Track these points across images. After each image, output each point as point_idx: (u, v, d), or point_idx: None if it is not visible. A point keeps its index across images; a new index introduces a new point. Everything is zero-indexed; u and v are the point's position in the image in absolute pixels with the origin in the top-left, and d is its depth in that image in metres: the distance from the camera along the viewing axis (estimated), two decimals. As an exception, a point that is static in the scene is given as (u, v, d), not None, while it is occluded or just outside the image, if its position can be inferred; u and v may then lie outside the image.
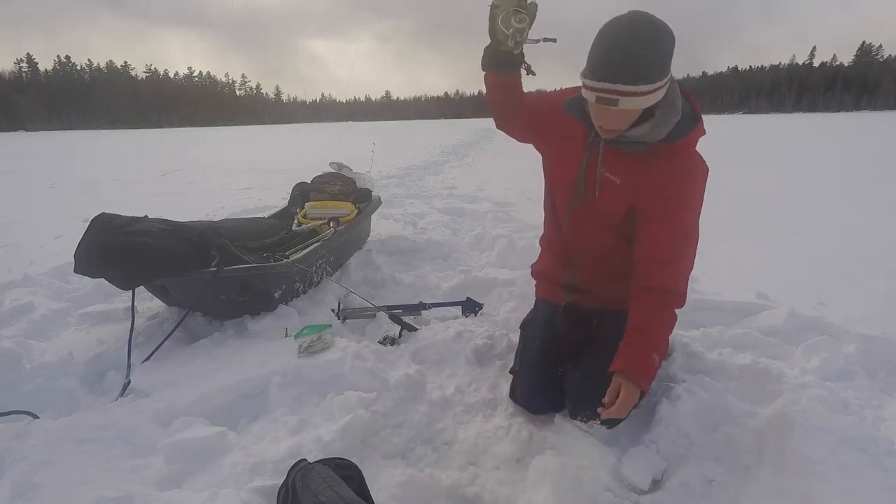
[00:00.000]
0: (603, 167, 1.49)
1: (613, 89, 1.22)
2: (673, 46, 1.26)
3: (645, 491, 1.35)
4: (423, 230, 4.28)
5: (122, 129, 71.69)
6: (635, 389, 1.37)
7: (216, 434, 1.48)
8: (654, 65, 1.23)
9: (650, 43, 1.22)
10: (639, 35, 1.21)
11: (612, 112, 1.29)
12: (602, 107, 1.28)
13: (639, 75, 1.21)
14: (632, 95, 1.23)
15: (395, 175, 8.62)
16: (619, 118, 1.32)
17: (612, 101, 1.25)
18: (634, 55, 1.21)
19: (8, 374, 1.81)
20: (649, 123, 1.36)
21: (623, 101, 1.24)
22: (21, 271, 3.04)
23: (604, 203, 1.52)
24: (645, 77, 1.22)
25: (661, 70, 1.24)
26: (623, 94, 1.22)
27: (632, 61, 1.21)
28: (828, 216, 4.64)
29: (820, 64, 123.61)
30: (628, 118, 1.33)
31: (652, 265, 1.47)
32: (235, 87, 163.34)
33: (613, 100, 1.24)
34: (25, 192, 7.47)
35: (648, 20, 1.24)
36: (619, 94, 1.23)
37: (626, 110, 1.27)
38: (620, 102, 1.24)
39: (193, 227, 2.27)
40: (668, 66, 1.26)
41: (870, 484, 1.20)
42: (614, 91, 1.22)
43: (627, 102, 1.24)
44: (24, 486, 1.27)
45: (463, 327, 2.20)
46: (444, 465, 1.49)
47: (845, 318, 2.25)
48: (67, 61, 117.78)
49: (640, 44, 1.21)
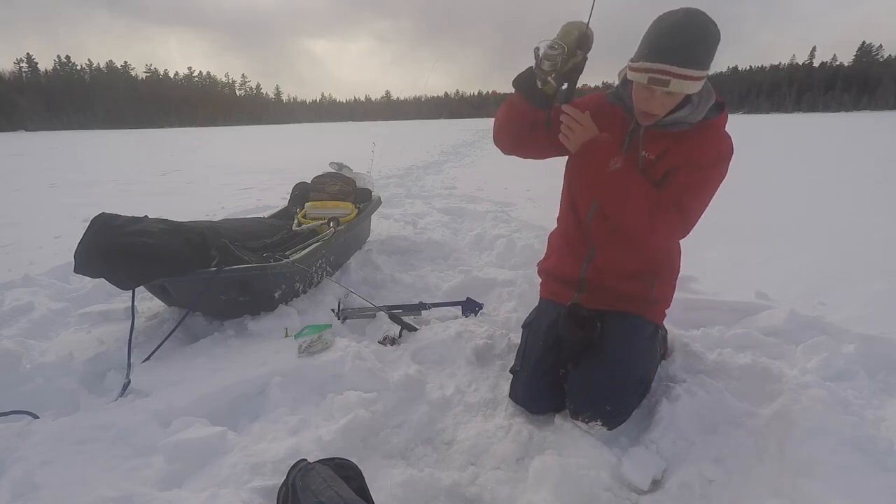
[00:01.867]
0: (644, 149, 1.55)
1: (667, 70, 1.32)
2: (719, 41, 1.36)
3: (645, 491, 1.35)
4: (423, 230, 4.28)
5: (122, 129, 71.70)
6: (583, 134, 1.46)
7: (216, 434, 1.48)
8: (704, 54, 1.34)
9: (704, 33, 1.33)
10: (695, 24, 1.32)
11: (659, 96, 1.39)
12: (650, 90, 1.38)
13: (692, 60, 1.32)
14: (682, 78, 1.33)
15: (395, 175, 8.62)
16: (663, 102, 1.41)
17: (663, 83, 1.34)
18: (690, 41, 1.32)
19: (8, 374, 1.81)
20: (688, 108, 1.47)
21: (674, 84, 1.33)
22: (21, 271, 3.04)
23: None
24: (697, 62, 1.32)
25: (708, 60, 1.36)
26: (675, 75, 1.32)
27: (687, 46, 1.31)
28: (828, 216, 4.64)
29: (820, 64, 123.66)
30: (672, 102, 1.42)
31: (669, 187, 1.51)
32: (235, 88, 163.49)
33: (665, 80, 1.33)
34: (25, 192, 7.47)
35: (700, 14, 1.34)
36: (671, 75, 1.32)
37: (673, 93, 1.37)
38: (671, 84, 1.33)
39: (193, 227, 2.27)
40: (713, 58, 1.37)
41: (870, 484, 1.20)
42: (667, 72, 1.32)
43: (677, 85, 1.34)
44: (24, 486, 1.27)
45: (463, 327, 2.20)
46: (444, 465, 1.49)
47: (845, 318, 2.25)
48: (67, 61, 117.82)
49: (695, 32, 1.32)
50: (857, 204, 5.21)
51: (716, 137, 1.52)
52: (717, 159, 1.50)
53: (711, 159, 1.49)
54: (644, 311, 1.71)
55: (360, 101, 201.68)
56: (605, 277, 1.72)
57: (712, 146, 1.51)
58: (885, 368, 1.83)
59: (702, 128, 1.50)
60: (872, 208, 4.98)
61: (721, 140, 1.52)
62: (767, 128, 24.32)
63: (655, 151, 1.54)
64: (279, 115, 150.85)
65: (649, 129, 1.53)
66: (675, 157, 1.51)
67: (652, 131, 1.54)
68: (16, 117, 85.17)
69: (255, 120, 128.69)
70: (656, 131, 1.53)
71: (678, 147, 1.51)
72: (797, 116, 54.02)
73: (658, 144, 1.53)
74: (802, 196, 5.78)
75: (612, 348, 1.60)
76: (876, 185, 6.40)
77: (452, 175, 8.77)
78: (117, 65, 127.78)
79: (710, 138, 1.51)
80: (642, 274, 1.70)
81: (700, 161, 1.49)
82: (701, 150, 1.49)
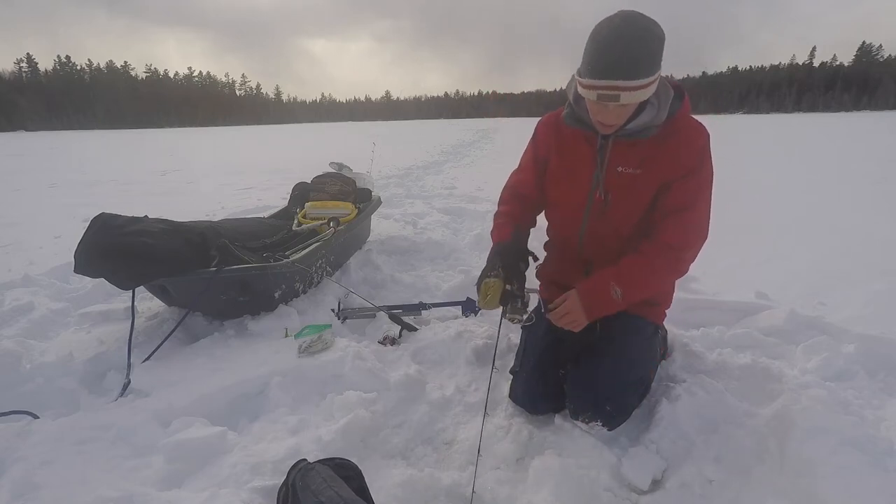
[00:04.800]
0: (619, 164, 1.52)
1: (614, 86, 1.28)
2: (664, 40, 1.33)
3: (645, 491, 1.35)
4: (423, 230, 4.28)
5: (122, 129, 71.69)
6: (579, 307, 1.51)
7: (216, 434, 1.48)
8: (650, 59, 1.29)
9: (644, 38, 1.28)
10: (633, 32, 1.27)
11: (612, 108, 1.35)
12: (602, 103, 1.34)
13: (637, 70, 1.27)
14: (632, 90, 1.29)
15: (395, 175, 8.62)
16: (618, 113, 1.38)
17: (613, 98, 1.31)
18: (632, 51, 1.27)
19: (8, 374, 1.81)
20: (649, 111, 1.43)
21: (624, 96, 1.30)
22: (21, 271, 3.04)
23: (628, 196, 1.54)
24: (643, 71, 1.28)
25: (656, 63, 1.31)
26: (623, 89, 1.28)
27: (630, 58, 1.27)
28: (828, 216, 4.64)
29: (820, 64, 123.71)
30: (627, 112, 1.39)
31: (664, 217, 1.51)
32: (235, 87, 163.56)
33: (615, 96, 1.30)
34: (25, 192, 7.47)
35: (639, 17, 1.30)
36: (619, 89, 1.29)
37: (626, 105, 1.33)
38: (622, 98, 1.30)
39: (193, 227, 2.27)
40: (661, 58, 1.33)
41: (870, 484, 1.20)
42: (615, 87, 1.28)
43: (628, 97, 1.30)
44: (24, 486, 1.27)
45: (463, 327, 2.20)
46: (444, 465, 1.49)
47: (845, 318, 2.25)
48: (67, 61, 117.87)
49: (635, 40, 1.27)
50: (857, 204, 5.21)
51: (691, 133, 1.49)
52: (702, 155, 1.49)
53: (696, 158, 1.48)
54: (644, 312, 1.70)
55: (360, 101, 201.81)
56: None
57: (691, 145, 1.48)
58: (885, 368, 1.83)
59: (671, 126, 1.46)
60: (872, 208, 4.98)
61: (697, 133, 1.49)
62: (768, 128, 24.32)
63: (633, 164, 1.50)
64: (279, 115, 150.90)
65: (618, 141, 1.49)
66: (660, 168, 1.48)
67: (621, 142, 1.49)
68: (16, 117, 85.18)
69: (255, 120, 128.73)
70: (626, 142, 1.49)
71: (657, 154, 1.47)
72: (797, 116, 54.03)
73: (633, 155, 1.50)
74: (802, 196, 5.78)
75: (612, 348, 1.59)
76: (876, 185, 6.40)
77: (452, 175, 8.77)
78: (117, 65, 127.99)
79: (686, 136, 1.48)
80: None
81: (688, 165, 1.47)
82: (682, 153, 1.47)
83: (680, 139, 1.47)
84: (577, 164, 1.60)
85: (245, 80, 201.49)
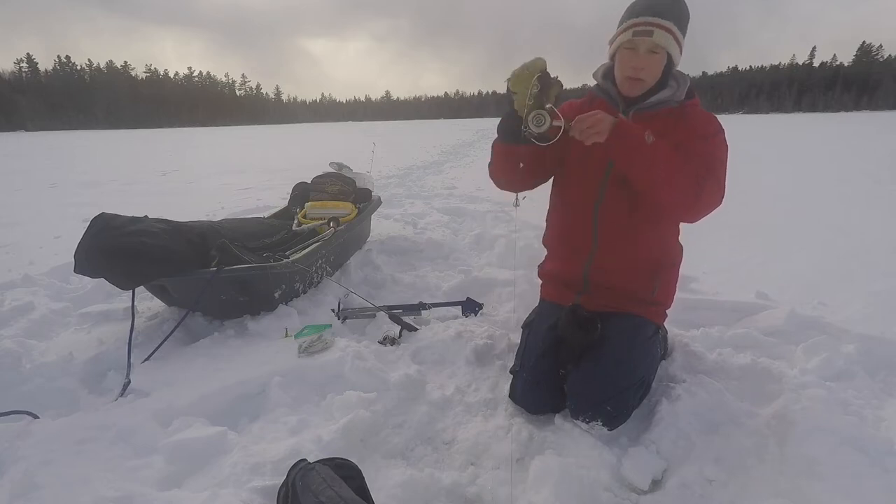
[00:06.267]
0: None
1: (651, 21, 1.44)
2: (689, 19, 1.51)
3: (645, 491, 1.35)
4: (423, 230, 4.28)
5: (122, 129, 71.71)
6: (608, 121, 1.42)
7: (216, 434, 1.48)
8: (682, 15, 1.48)
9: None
10: None
11: (643, 54, 1.47)
12: (633, 49, 1.48)
13: (672, 14, 1.46)
14: (665, 29, 1.44)
15: (395, 175, 8.62)
16: (648, 61, 1.48)
17: (647, 32, 1.44)
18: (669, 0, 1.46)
19: (8, 374, 1.81)
20: (669, 88, 1.55)
21: (657, 34, 1.44)
22: (21, 271, 3.04)
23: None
24: (676, 18, 1.46)
25: (684, 23, 1.49)
26: (657, 26, 1.44)
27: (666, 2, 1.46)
28: (828, 216, 4.64)
29: (820, 64, 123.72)
30: (656, 65, 1.50)
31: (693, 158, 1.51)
32: (235, 88, 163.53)
33: (649, 31, 1.44)
34: (26, 192, 7.47)
35: None
36: (654, 25, 1.44)
37: (655, 52, 1.47)
38: (655, 35, 1.44)
39: (194, 228, 2.28)
40: (686, 28, 1.51)
41: (870, 484, 1.20)
42: (652, 23, 1.44)
43: (660, 36, 1.44)
44: (24, 486, 1.27)
45: (463, 327, 2.20)
46: (444, 465, 1.49)
47: (845, 318, 2.25)
48: (67, 61, 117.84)
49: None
50: (857, 204, 5.21)
51: (705, 114, 1.60)
52: (717, 130, 1.57)
53: (713, 130, 1.56)
54: (645, 312, 1.70)
55: (360, 101, 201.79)
56: (608, 276, 1.70)
57: (707, 119, 1.59)
58: (885, 368, 1.83)
59: (686, 107, 1.58)
60: (873, 208, 4.98)
61: (710, 116, 1.60)
62: (768, 128, 24.32)
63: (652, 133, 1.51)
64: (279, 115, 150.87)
65: (638, 113, 1.57)
66: (677, 135, 1.53)
67: (641, 114, 1.57)
68: (16, 117, 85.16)
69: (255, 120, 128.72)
70: (645, 113, 1.57)
71: (674, 126, 1.55)
72: (797, 116, 54.01)
73: (651, 126, 1.50)
74: (803, 196, 5.78)
75: (612, 349, 1.59)
76: (876, 185, 6.40)
77: (452, 175, 8.77)
78: (117, 65, 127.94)
79: (701, 114, 1.59)
80: (645, 268, 1.67)
81: (706, 131, 1.55)
82: (699, 123, 1.56)
83: (695, 114, 1.58)
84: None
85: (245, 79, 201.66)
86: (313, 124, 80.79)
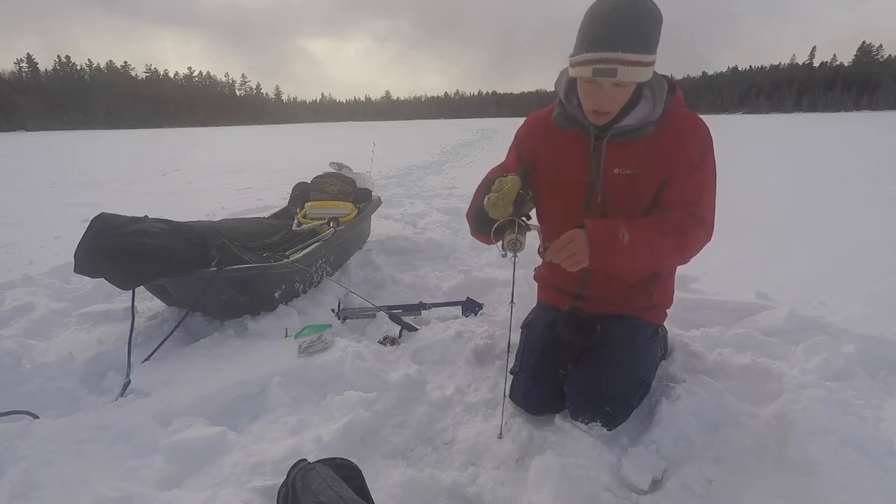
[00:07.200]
0: (615, 165, 1.46)
1: (613, 58, 1.19)
2: (661, 22, 1.24)
3: (645, 491, 1.35)
4: (423, 230, 4.28)
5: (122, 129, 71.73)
6: (585, 243, 1.34)
7: (216, 434, 1.48)
8: (650, 34, 1.21)
9: (644, 13, 1.20)
10: (633, 6, 1.20)
11: (607, 89, 1.26)
12: (597, 84, 1.25)
13: (638, 42, 1.19)
14: (630, 65, 1.20)
15: (395, 175, 8.62)
16: (614, 96, 1.29)
17: (610, 72, 1.21)
18: (633, 21, 1.18)
19: (8, 374, 1.81)
20: (643, 105, 1.35)
21: (622, 72, 1.21)
22: (21, 271, 3.04)
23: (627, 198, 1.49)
24: (644, 45, 1.20)
25: (654, 42, 1.23)
26: (622, 62, 1.19)
27: (632, 27, 1.19)
28: (828, 216, 4.64)
29: (820, 64, 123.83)
30: (622, 96, 1.30)
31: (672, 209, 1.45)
32: (235, 88, 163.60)
33: (612, 70, 1.20)
34: (26, 192, 7.47)
35: None
36: (619, 62, 1.20)
37: (622, 85, 1.24)
38: (619, 73, 1.21)
39: (194, 227, 2.28)
40: (658, 40, 1.25)
41: (870, 484, 1.20)
42: (613, 60, 1.19)
43: (626, 73, 1.21)
44: (24, 486, 1.27)
45: (463, 327, 2.20)
46: (444, 465, 1.49)
47: (845, 318, 2.25)
48: (67, 61, 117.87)
49: (634, 13, 1.19)
50: (857, 204, 5.21)
51: (688, 128, 1.42)
52: (703, 149, 1.42)
53: (698, 153, 1.41)
54: (644, 314, 1.70)
55: (360, 101, 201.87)
56: (604, 288, 1.68)
57: (690, 138, 1.41)
58: (885, 368, 1.83)
59: (667, 120, 1.39)
60: (873, 208, 4.97)
61: (695, 127, 1.42)
62: (768, 128, 24.32)
63: (630, 164, 1.44)
64: (279, 114, 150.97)
65: (613, 142, 1.42)
66: (659, 165, 1.41)
67: (617, 143, 1.42)
68: (16, 117, 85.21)
69: (255, 120, 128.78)
70: (621, 142, 1.41)
71: (654, 151, 1.40)
72: (797, 116, 54.02)
73: (629, 155, 1.43)
74: (803, 196, 5.78)
75: (611, 349, 1.59)
76: (876, 185, 6.40)
77: (452, 175, 8.77)
78: (117, 65, 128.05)
79: (683, 130, 1.41)
80: (641, 280, 1.65)
81: (690, 160, 1.41)
82: (682, 147, 1.40)
83: (677, 133, 1.41)
84: (571, 169, 1.53)
85: (245, 79, 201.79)
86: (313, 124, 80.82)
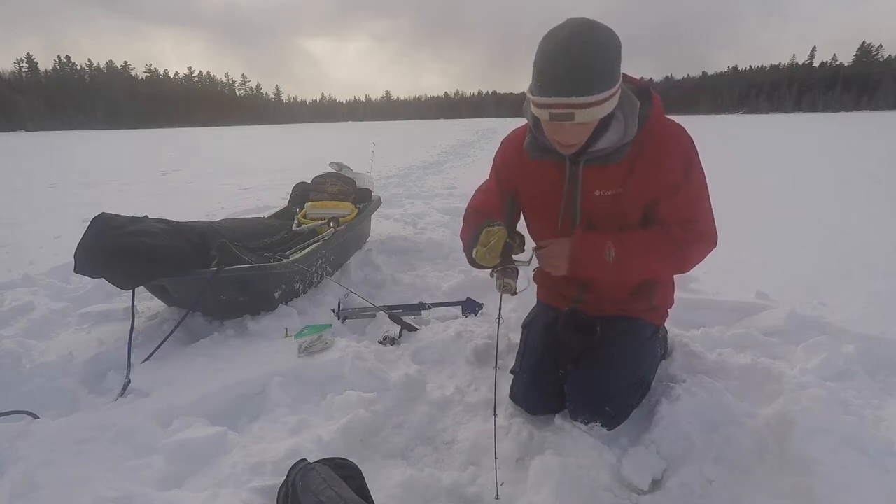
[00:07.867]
0: (595, 188, 1.44)
1: (567, 103, 1.17)
2: (620, 48, 1.21)
3: (645, 491, 1.35)
4: (423, 230, 4.28)
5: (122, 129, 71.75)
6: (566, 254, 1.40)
7: (216, 434, 1.48)
8: (605, 71, 1.18)
9: (595, 49, 1.16)
10: (582, 43, 1.15)
11: (568, 127, 1.24)
12: (558, 123, 1.23)
13: (590, 85, 1.16)
14: (587, 107, 1.17)
15: (395, 175, 8.62)
16: (576, 132, 1.27)
17: (567, 116, 1.19)
18: (583, 65, 1.15)
19: (8, 374, 1.81)
20: (615, 127, 1.33)
21: (579, 115, 1.18)
22: (21, 271, 3.04)
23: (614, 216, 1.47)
24: (597, 86, 1.16)
25: (612, 75, 1.20)
26: (577, 106, 1.17)
27: (583, 70, 1.15)
28: (828, 216, 4.64)
29: (820, 64, 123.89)
30: (587, 130, 1.28)
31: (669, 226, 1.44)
32: (235, 87, 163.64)
33: (569, 114, 1.18)
34: (26, 192, 7.47)
35: (588, 26, 1.18)
36: (573, 107, 1.17)
37: (583, 123, 1.22)
38: (577, 116, 1.19)
39: (194, 228, 2.28)
40: (619, 69, 1.22)
41: (870, 484, 1.20)
42: (568, 105, 1.17)
43: (584, 115, 1.19)
44: (24, 486, 1.27)
45: (463, 327, 2.20)
46: (444, 465, 1.49)
47: (845, 318, 2.25)
48: (67, 61, 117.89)
49: (585, 52, 1.15)
50: (857, 204, 5.21)
51: (668, 139, 1.38)
52: (687, 164, 1.38)
53: (682, 170, 1.38)
54: (644, 315, 1.69)
55: (360, 101, 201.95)
56: (602, 295, 1.67)
57: (671, 156, 1.37)
58: (885, 368, 1.83)
59: (645, 135, 1.35)
60: (873, 208, 4.98)
61: (675, 138, 1.38)
62: (768, 128, 24.32)
63: (611, 184, 1.41)
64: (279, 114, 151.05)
65: (590, 166, 1.39)
66: (643, 182, 1.39)
67: (594, 168, 1.39)
68: (16, 117, 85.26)
69: (255, 120, 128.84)
70: (597, 167, 1.39)
71: (636, 168, 1.37)
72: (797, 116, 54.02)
73: (609, 176, 1.40)
74: (803, 196, 5.78)
75: (611, 350, 1.58)
76: (876, 185, 6.40)
77: (452, 175, 8.77)
78: (117, 65, 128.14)
79: (664, 144, 1.37)
80: (641, 288, 1.64)
81: (674, 181, 1.37)
82: (665, 163, 1.36)
83: (656, 151, 1.36)
84: (549, 196, 1.51)
85: (245, 79, 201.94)
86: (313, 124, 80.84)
